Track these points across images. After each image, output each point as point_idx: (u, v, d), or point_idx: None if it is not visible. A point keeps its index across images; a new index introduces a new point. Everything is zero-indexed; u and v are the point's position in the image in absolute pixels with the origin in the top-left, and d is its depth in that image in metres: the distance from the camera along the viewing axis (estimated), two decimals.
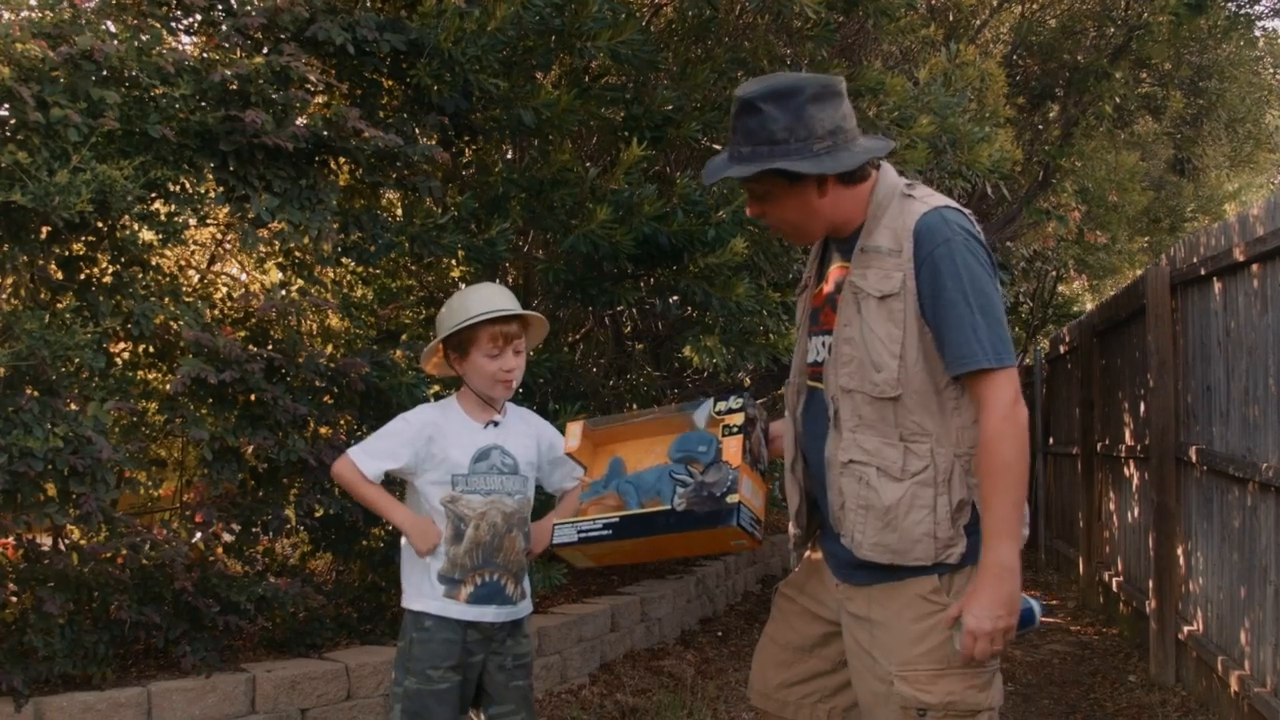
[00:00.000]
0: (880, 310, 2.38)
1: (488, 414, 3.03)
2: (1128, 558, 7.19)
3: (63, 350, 3.59)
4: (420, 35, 4.54)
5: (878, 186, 2.48)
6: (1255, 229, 4.63)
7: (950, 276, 2.32)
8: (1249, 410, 4.69)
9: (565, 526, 2.73)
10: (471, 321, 2.93)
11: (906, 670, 2.37)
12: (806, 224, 2.51)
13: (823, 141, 2.39)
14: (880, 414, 2.38)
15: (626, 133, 5.30)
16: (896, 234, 2.39)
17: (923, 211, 2.38)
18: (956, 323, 2.31)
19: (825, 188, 2.44)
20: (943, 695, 2.35)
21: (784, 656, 2.71)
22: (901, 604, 2.39)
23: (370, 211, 4.85)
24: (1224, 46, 10.46)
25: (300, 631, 4.57)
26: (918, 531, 2.35)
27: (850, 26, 6.76)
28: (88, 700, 3.74)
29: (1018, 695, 5.75)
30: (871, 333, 2.38)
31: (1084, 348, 8.58)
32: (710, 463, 2.64)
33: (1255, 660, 4.57)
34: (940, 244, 2.34)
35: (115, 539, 3.95)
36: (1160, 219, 13.02)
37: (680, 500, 2.59)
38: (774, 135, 2.38)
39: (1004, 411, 2.29)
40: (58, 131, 3.64)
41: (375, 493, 2.98)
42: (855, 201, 2.47)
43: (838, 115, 2.42)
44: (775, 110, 2.38)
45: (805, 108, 2.38)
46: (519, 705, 3.03)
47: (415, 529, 2.93)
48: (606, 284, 5.45)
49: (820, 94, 2.40)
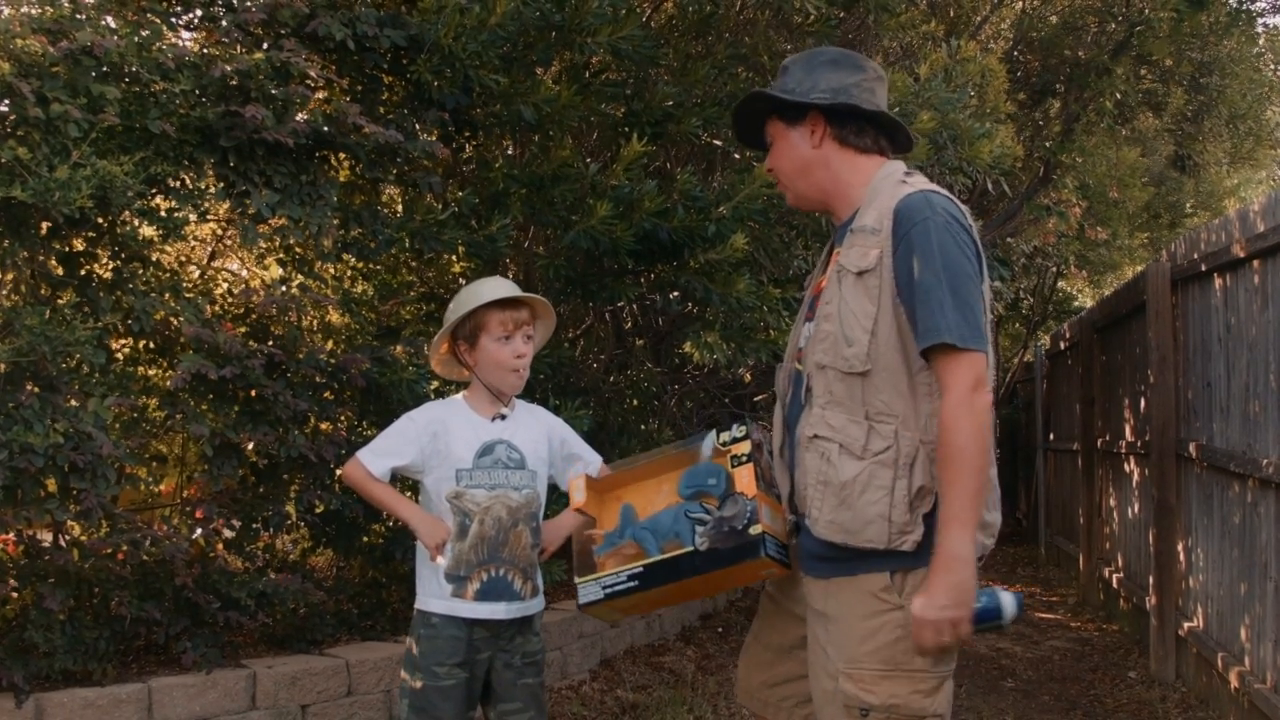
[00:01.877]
0: (858, 286, 2.38)
1: (495, 408, 3.01)
2: (1128, 554, 7.20)
3: (63, 346, 3.59)
4: (420, 31, 4.53)
5: (879, 172, 2.51)
6: (1256, 225, 4.63)
7: (925, 253, 2.31)
8: (1249, 406, 4.68)
9: (590, 585, 2.63)
10: (482, 304, 2.94)
11: (852, 669, 2.33)
12: (796, 177, 2.57)
13: (821, 93, 2.50)
14: (849, 390, 2.36)
15: (627, 128, 5.30)
16: (880, 214, 2.40)
17: (908, 192, 2.40)
18: (926, 298, 2.28)
19: (816, 136, 2.52)
20: (886, 697, 2.30)
21: (766, 657, 2.70)
22: (853, 599, 2.36)
23: (370, 207, 4.85)
24: (1225, 43, 10.44)
25: (301, 628, 4.57)
26: (871, 512, 2.31)
27: (851, 22, 6.74)
28: (88, 696, 3.74)
29: (1018, 691, 5.76)
30: (847, 307, 2.38)
31: (1085, 344, 8.58)
32: (724, 495, 2.57)
33: (1255, 656, 4.57)
34: (919, 222, 2.33)
35: (116, 535, 3.95)
36: (1160, 215, 13.01)
37: (702, 540, 2.51)
38: (787, 85, 2.54)
39: (961, 395, 2.25)
40: (58, 127, 3.63)
41: (383, 491, 2.97)
42: (854, 172, 2.52)
43: (850, 80, 2.51)
44: (797, 68, 2.56)
45: (820, 67, 2.53)
46: (528, 703, 3.00)
47: (423, 525, 2.91)
48: (607, 280, 5.45)
49: (839, 60, 2.55)
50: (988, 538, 2.40)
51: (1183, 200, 13.16)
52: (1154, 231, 13.29)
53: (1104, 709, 5.46)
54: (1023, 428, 13.52)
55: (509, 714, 3.00)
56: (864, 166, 2.52)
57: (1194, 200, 13.41)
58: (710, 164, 6.63)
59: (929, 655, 2.29)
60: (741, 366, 6.40)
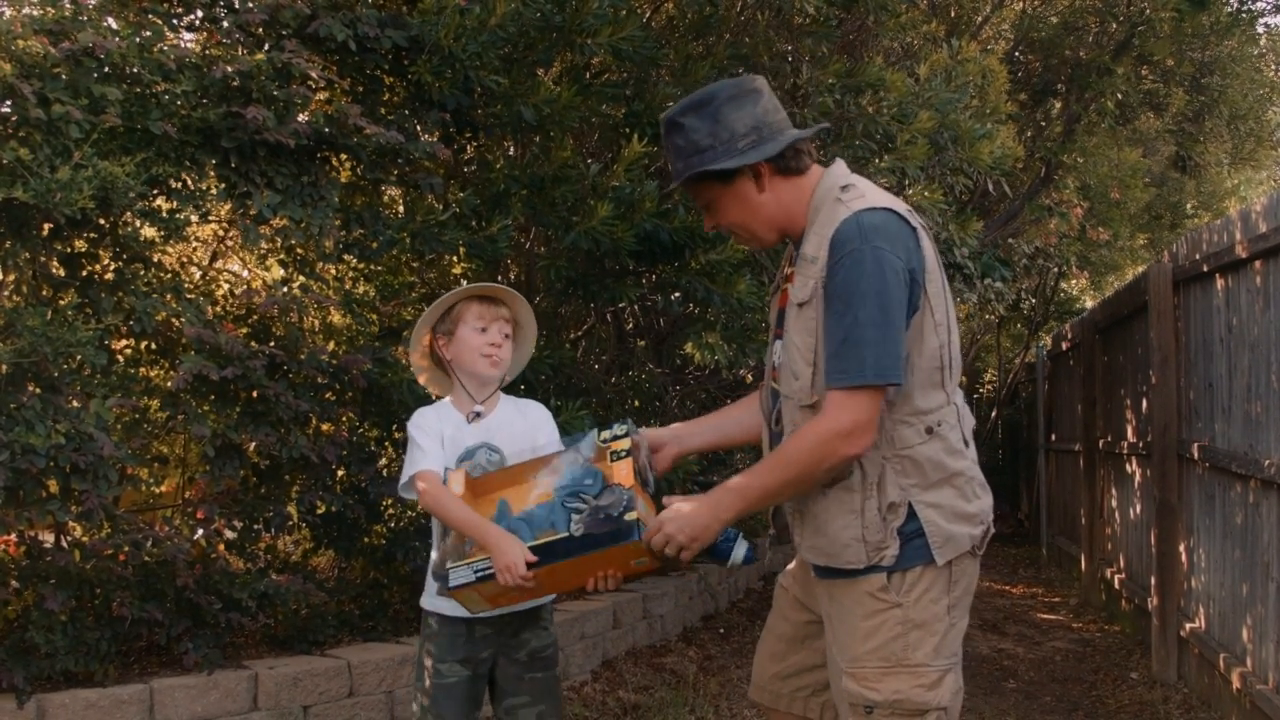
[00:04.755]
0: (799, 318, 2.40)
1: (470, 405, 2.99)
2: (1130, 554, 7.19)
3: (64, 347, 3.59)
4: (421, 32, 4.54)
5: (818, 187, 2.48)
6: (1258, 225, 4.62)
7: (849, 287, 2.29)
8: (1251, 407, 4.68)
9: (461, 568, 2.66)
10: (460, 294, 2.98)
11: (855, 667, 2.39)
12: (753, 224, 2.52)
13: (746, 138, 2.43)
14: (804, 420, 2.40)
15: (627, 129, 5.29)
16: (820, 240, 2.38)
17: (843, 217, 2.36)
18: (845, 335, 2.28)
19: (761, 181, 2.46)
20: (889, 693, 2.34)
21: (778, 648, 2.74)
22: (853, 600, 2.41)
23: (372, 208, 4.85)
24: (1226, 43, 10.45)
25: (302, 628, 4.57)
26: (846, 536, 2.37)
27: (852, 23, 6.75)
28: (90, 697, 3.74)
29: (1020, 693, 5.75)
30: (792, 340, 2.42)
31: (1086, 344, 8.57)
32: (600, 491, 2.64)
33: (1257, 657, 4.57)
34: (847, 253, 2.31)
35: (117, 536, 3.95)
36: (1162, 216, 13.02)
37: (578, 525, 2.57)
38: (699, 145, 2.44)
39: (839, 428, 2.28)
40: (59, 128, 3.64)
41: (466, 512, 2.74)
42: (798, 196, 2.48)
43: (757, 111, 2.45)
44: (695, 121, 2.44)
45: (720, 111, 2.43)
46: (537, 697, 2.99)
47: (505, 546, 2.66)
48: (608, 281, 5.45)
49: (735, 95, 2.45)
50: (974, 527, 2.43)
51: (1184, 201, 13.17)
52: (1155, 232, 13.30)
53: (1106, 710, 5.45)
54: (1024, 428, 13.51)
55: (516, 708, 2.99)
56: (806, 184, 2.50)
57: (1195, 201, 13.42)
58: None
59: (655, 548, 2.45)
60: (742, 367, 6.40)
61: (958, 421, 2.45)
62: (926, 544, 2.36)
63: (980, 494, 2.46)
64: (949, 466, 2.40)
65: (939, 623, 2.38)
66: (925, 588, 2.37)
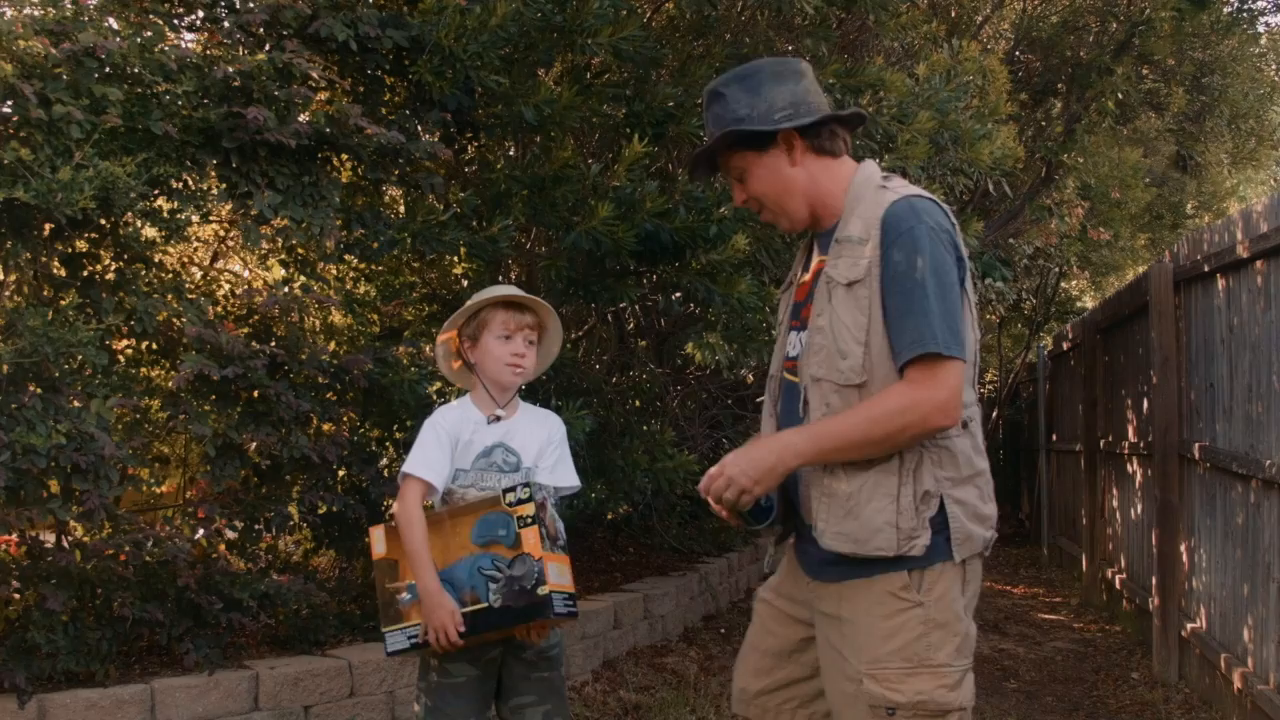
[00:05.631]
0: (848, 298, 2.38)
1: (492, 408, 3.02)
2: (1131, 555, 7.19)
3: (65, 347, 3.59)
4: (422, 32, 4.54)
5: (856, 176, 2.51)
6: (1259, 226, 4.62)
7: (910, 263, 2.32)
8: (1252, 407, 4.68)
9: (396, 634, 2.90)
10: (486, 300, 2.98)
11: (876, 669, 2.33)
12: (785, 199, 2.53)
13: (783, 111, 2.48)
14: (846, 402, 2.37)
15: (628, 129, 5.29)
16: (867, 223, 2.40)
17: (892, 200, 2.40)
18: (913, 307, 2.30)
19: (794, 154, 2.49)
20: (912, 694, 2.31)
21: (764, 663, 2.69)
22: (871, 601, 2.37)
23: (373, 208, 4.85)
24: (1226, 42, 10.45)
25: (303, 629, 4.57)
26: (879, 520, 2.33)
27: (852, 22, 6.75)
28: (91, 697, 3.74)
29: (1021, 693, 5.75)
30: (839, 320, 2.38)
31: (1087, 345, 8.57)
32: (512, 545, 2.78)
33: (1258, 657, 4.57)
34: (905, 230, 2.34)
35: (118, 536, 3.95)
36: (1162, 216, 13.01)
37: (496, 597, 2.77)
38: (737, 114, 2.48)
39: (934, 400, 2.28)
40: (60, 128, 3.64)
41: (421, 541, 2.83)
42: (832, 179, 2.51)
43: (798, 89, 2.51)
44: (737, 91, 2.50)
45: (764, 85, 2.49)
46: (543, 696, 3.00)
47: (434, 605, 2.80)
48: (609, 281, 5.45)
49: (779, 72, 2.52)
50: (986, 530, 2.42)
51: (1184, 201, 13.16)
52: (1155, 232, 13.30)
53: (1107, 710, 5.45)
54: (1025, 429, 13.50)
55: (523, 708, 2.99)
56: (840, 171, 2.53)
57: (1195, 201, 13.41)
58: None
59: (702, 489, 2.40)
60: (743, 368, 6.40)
61: (979, 423, 2.46)
62: (949, 540, 2.35)
63: (992, 498, 2.46)
64: (975, 464, 2.41)
65: (959, 623, 2.37)
66: (946, 587, 2.36)
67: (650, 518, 7.44)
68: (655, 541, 7.49)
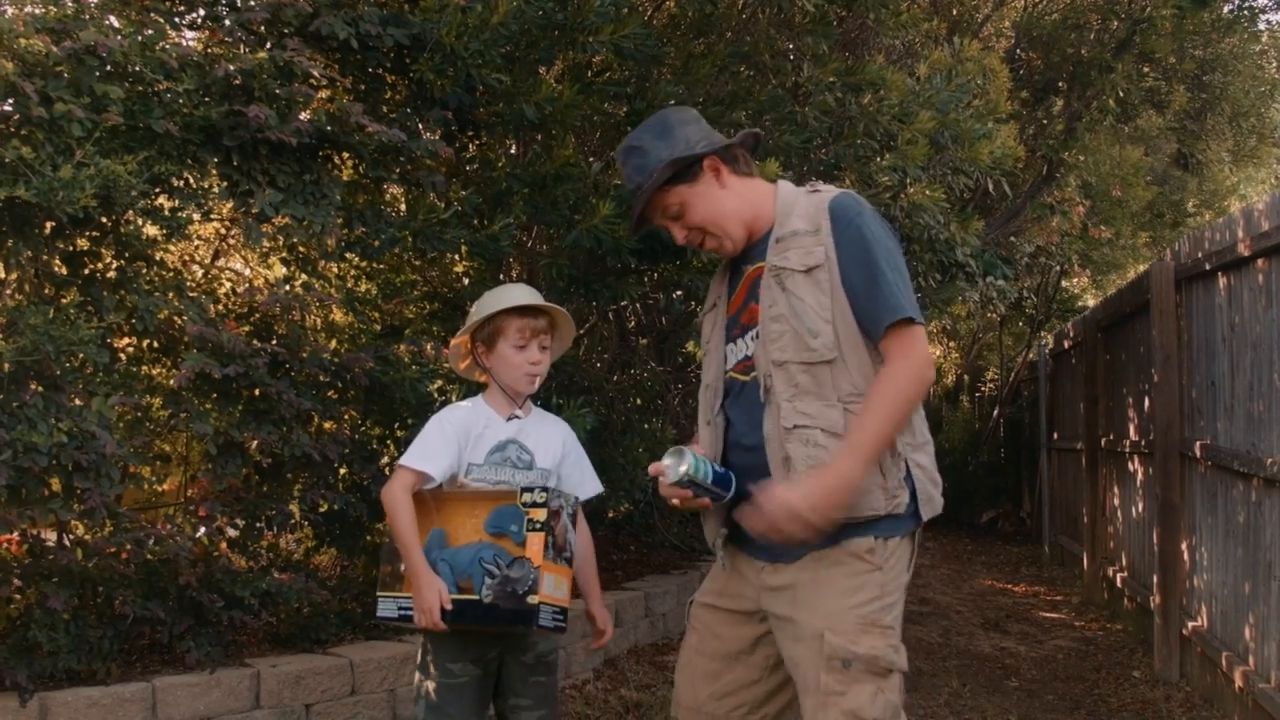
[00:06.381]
0: (807, 282, 2.52)
1: (510, 409, 3.03)
2: (1132, 553, 7.19)
3: (67, 345, 3.59)
4: (423, 30, 4.54)
5: (781, 188, 2.69)
6: (1260, 224, 4.62)
7: (873, 243, 2.50)
8: (1254, 405, 4.68)
9: (388, 602, 2.94)
10: (500, 309, 2.97)
11: (835, 622, 2.45)
12: (724, 221, 2.66)
13: (701, 142, 2.65)
14: (817, 379, 2.50)
15: (629, 128, 5.28)
16: (811, 217, 2.58)
17: (832, 196, 2.59)
18: (883, 281, 2.47)
19: (721, 177, 2.66)
20: (867, 649, 2.43)
21: (712, 667, 2.74)
22: (833, 562, 2.49)
23: (374, 206, 4.85)
24: (1228, 40, 10.44)
25: (304, 627, 4.57)
26: (868, 482, 2.45)
27: (852, 21, 6.74)
28: (92, 695, 3.75)
29: (1022, 691, 5.75)
30: (801, 303, 2.52)
31: (1088, 343, 8.57)
32: (519, 544, 2.78)
33: (1260, 656, 4.57)
34: (856, 216, 2.53)
35: (119, 534, 3.95)
36: (1163, 214, 13.01)
37: (488, 593, 2.77)
38: (660, 155, 2.63)
39: (919, 363, 2.46)
40: (61, 126, 3.63)
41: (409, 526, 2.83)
42: (758, 195, 2.68)
43: (703, 128, 2.70)
44: (650, 139, 2.66)
45: (673, 128, 2.66)
46: (538, 702, 3.00)
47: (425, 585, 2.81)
48: (610, 279, 5.45)
49: (682, 118, 2.70)
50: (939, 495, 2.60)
51: (1185, 199, 13.16)
52: (1157, 230, 13.29)
53: (1108, 709, 5.45)
54: (1026, 427, 13.50)
55: (520, 709, 3.00)
56: (762, 188, 2.70)
57: (1197, 199, 13.40)
58: None
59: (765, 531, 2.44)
60: None
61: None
62: (915, 502, 2.52)
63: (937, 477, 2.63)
64: (924, 433, 2.59)
65: (901, 593, 2.53)
66: (899, 560, 2.52)
67: (651, 516, 7.44)
68: (656, 540, 7.49)
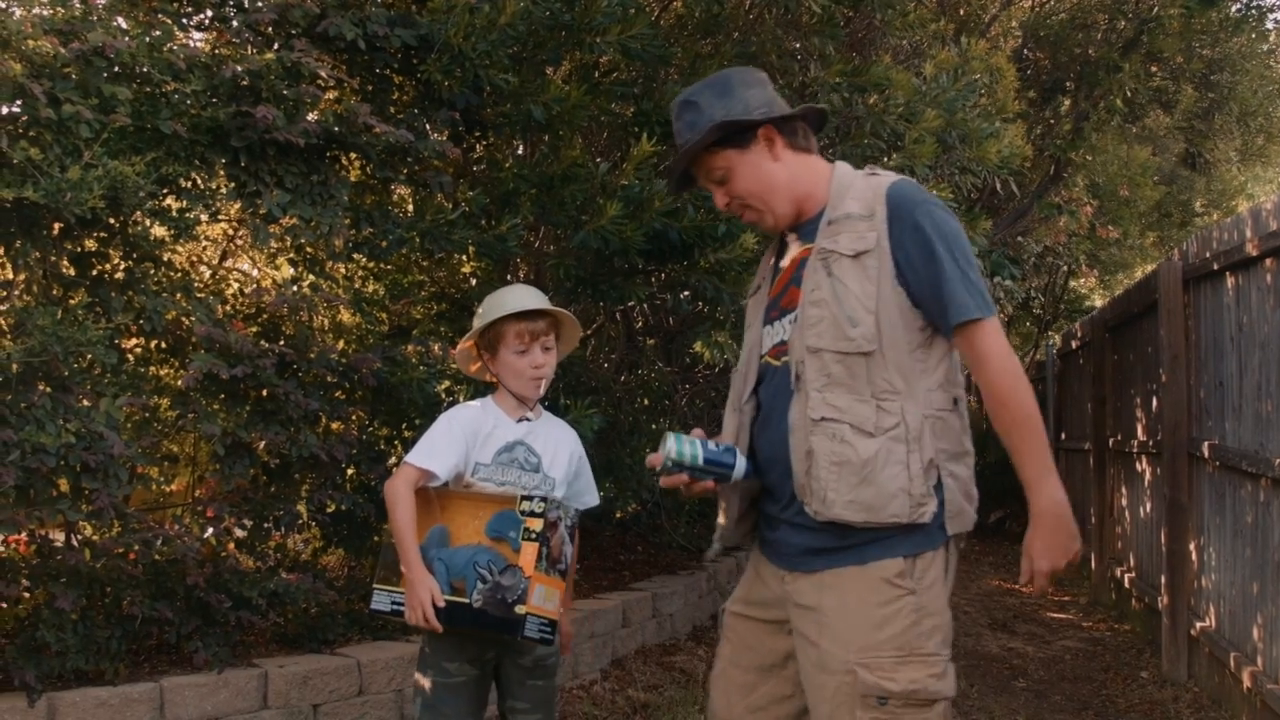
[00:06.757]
0: (854, 268, 2.40)
1: (520, 411, 3.03)
2: (1140, 553, 7.18)
3: (75, 346, 3.59)
4: (431, 31, 4.54)
5: (837, 169, 2.56)
6: (1268, 223, 4.61)
7: (937, 236, 2.37)
8: (1262, 405, 4.67)
9: (383, 595, 2.96)
10: (496, 318, 2.96)
11: (868, 657, 2.31)
12: (770, 195, 2.54)
13: (760, 109, 2.51)
14: (851, 371, 2.37)
15: (636, 128, 5.29)
16: (867, 201, 2.44)
17: (892, 180, 2.46)
18: (949, 277, 2.34)
19: (775, 149, 2.52)
20: (906, 683, 2.29)
21: (747, 679, 2.64)
22: (863, 588, 2.34)
23: (381, 207, 4.85)
24: (1235, 40, 10.43)
25: (312, 627, 4.58)
26: (893, 486, 2.32)
27: (859, 21, 6.74)
28: (100, 695, 3.75)
29: (1030, 691, 5.74)
30: (846, 289, 2.39)
31: (1096, 343, 8.56)
32: (516, 550, 2.78)
33: (1268, 656, 4.56)
34: (919, 205, 2.40)
35: (127, 535, 3.95)
36: (1171, 214, 12.99)
37: (478, 598, 2.78)
38: (714, 115, 2.49)
39: (1005, 358, 2.35)
40: (69, 128, 3.64)
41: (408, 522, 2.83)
42: (812, 173, 2.55)
43: (767, 94, 2.55)
44: (709, 97, 2.52)
45: (734, 88, 2.52)
46: (536, 705, 3.00)
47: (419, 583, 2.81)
48: (617, 280, 5.45)
49: (746, 79, 2.56)
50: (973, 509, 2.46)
51: (1193, 199, 13.14)
52: (1164, 230, 13.28)
53: (1116, 709, 5.44)
54: None
55: (517, 711, 3.01)
56: (817, 166, 2.56)
57: (1204, 199, 13.38)
58: None
59: (1044, 587, 2.37)
60: None
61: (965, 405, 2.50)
62: (943, 517, 2.36)
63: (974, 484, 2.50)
64: (964, 444, 2.43)
65: (945, 611, 2.38)
66: (936, 575, 2.37)
67: (659, 516, 7.44)
68: (663, 540, 7.49)
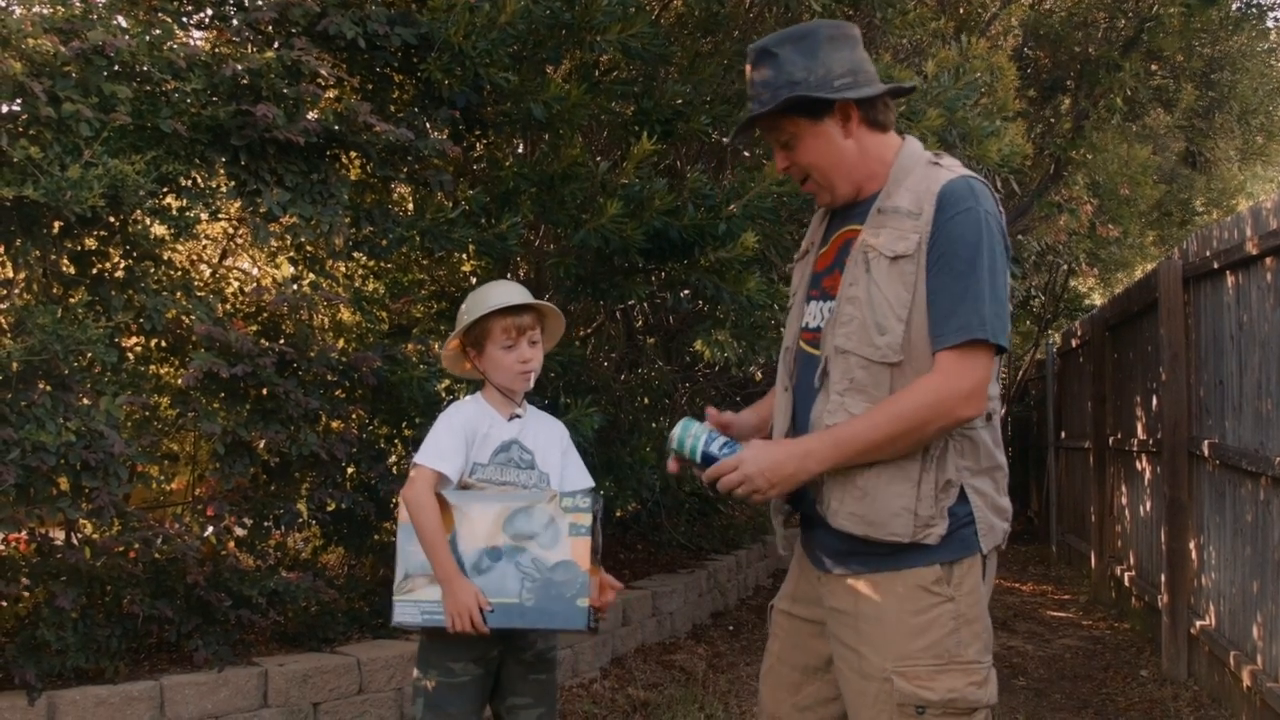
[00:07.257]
0: (891, 271, 2.27)
1: (509, 408, 3.02)
2: (1140, 552, 7.18)
3: (75, 345, 3.60)
4: (431, 29, 4.54)
5: (903, 150, 2.41)
6: (1269, 222, 4.61)
7: (967, 244, 2.23)
8: (1262, 404, 4.67)
9: (408, 605, 2.77)
10: (481, 315, 2.94)
11: (906, 666, 2.25)
12: (834, 172, 2.40)
13: (842, 78, 2.34)
14: (874, 379, 2.28)
15: (637, 127, 5.29)
16: (919, 197, 2.30)
17: (949, 178, 2.30)
18: (966, 291, 2.22)
19: (849, 126, 2.37)
20: (944, 692, 2.23)
21: (793, 678, 2.57)
22: (900, 595, 2.28)
23: (381, 206, 4.85)
24: (1236, 38, 10.43)
25: (312, 625, 4.58)
26: (896, 505, 2.25)
27: (860, 19, 6.73)
28: (100, 694, 3.75)
29: (1030, 690, 5.74)
30: (880, 293, 2.27)
31: (1096, 341, 8.56)
32: (548, 547, 2.71)
33: (1268, 655, 4.56)
34: (964, 210, 2.25)
35: (127, 533, 3.96)
36: (1171, 212, 12.99)
37: (529, 595, 2.69)
38: (792, 76, 2.34)
39: (961, 391, 2.21)
40: (69, 126, 3.64)
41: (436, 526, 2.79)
42: (881, 153, 2.40)
43: (856, 58, 2.37)
44: (791, 53, 2.35)
45: (820, 48, 2.34)
46: (538, 699, 3.00)
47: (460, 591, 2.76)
48: (617, 278, 5.45)
49: (834, 36, 2.37)
50: (1004, 522, 2.38)
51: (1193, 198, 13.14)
52: (1164, 229, 13.28)
53: (1116, 708, 5.44)
54: (1034, 425, 13.48)
55: (518, 708, 2.99)
56: (889, 144, 2.42)
57: (1204, 198, 13.38)
58: (720, 162, 6.63)
59: (721, 488, 2.32)
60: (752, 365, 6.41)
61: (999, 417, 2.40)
62: (975, 531, 2.29)
63: (1006, 492, 2.40)
64: (995, 457, 2.34)
65: (985, 618, 2.31)
66: (974, 582, 2.30)
67: (659, 515, 7.44)
68: (663, 539, 7.49)
